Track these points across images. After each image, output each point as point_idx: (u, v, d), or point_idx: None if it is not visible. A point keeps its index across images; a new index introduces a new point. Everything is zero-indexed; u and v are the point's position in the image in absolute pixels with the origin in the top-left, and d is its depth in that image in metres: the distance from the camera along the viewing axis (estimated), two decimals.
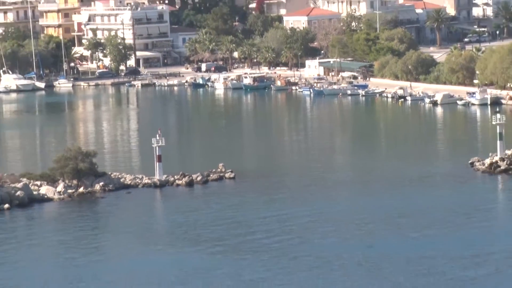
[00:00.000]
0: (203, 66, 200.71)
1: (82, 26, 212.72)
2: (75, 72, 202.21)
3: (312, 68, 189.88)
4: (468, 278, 79.95)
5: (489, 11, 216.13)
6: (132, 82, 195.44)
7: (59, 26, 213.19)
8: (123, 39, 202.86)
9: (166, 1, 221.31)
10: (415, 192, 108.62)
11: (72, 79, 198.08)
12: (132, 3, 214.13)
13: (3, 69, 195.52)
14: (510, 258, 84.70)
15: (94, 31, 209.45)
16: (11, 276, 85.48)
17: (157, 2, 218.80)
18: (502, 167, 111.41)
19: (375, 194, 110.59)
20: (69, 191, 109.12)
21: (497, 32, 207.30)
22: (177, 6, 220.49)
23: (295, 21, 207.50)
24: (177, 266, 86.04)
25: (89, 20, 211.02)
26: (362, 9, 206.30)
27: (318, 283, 79.09)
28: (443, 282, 78.34)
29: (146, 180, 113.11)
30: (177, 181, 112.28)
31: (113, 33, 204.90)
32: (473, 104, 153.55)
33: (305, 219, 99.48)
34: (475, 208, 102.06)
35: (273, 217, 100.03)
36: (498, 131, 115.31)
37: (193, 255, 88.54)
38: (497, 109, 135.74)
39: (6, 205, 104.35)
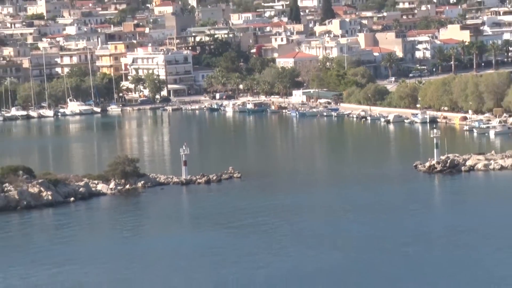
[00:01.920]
0: (217, 95, 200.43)
1: (128, 66, 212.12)
2: (123, 100, 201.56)
3: (298, 96, 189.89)
4: (406, 252, 79.91)
5: (428, 54, 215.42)
6: (165, 107, 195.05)
7: (110, 66, 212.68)
8: (158, 75, 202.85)
9: (190, 48, 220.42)
10: (373, 186, 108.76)
11: (120, 105, 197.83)
12: (165, 49, 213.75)
13: (70, 98, 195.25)
14: (440, 237, 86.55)
15: (136, 70, 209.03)
16: (78, 250, 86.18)
17: (183, 48, 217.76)
18: (438, 169, 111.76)
19: (341, 188, 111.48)
20: (119, 187, 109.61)
21: (434, 69, 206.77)
22: (197, 51, 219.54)
23: (285, 62, 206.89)
24: (198, 242, 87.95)
25: (133, 61, 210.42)
26: (334, 53, 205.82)
27: (300, 250, 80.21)
28: (386, 256, 78.75)
29: (175, 179, 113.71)
30: (198, 180, 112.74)
31: (150, 71, 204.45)
32: (416, 122, 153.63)
33: (290, 207, 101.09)
34: (416, 199, 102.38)
35: (268, 206, 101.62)
36: (434, 142, 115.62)
37: (210, 234, 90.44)
38: (434, 126, 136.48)
39: (72, 198, 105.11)
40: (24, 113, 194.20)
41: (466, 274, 72.15)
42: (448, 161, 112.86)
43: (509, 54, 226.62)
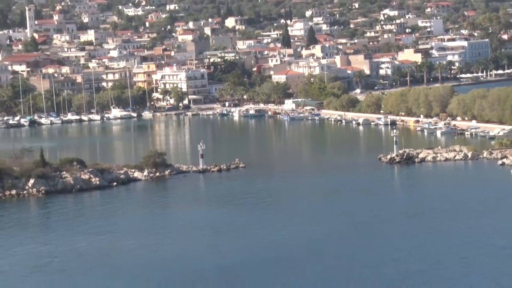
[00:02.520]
0: (226, 103, 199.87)
1: (158, 81, 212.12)
2: (154, 107, 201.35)
3: (288, 104, 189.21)
4: (370, 223, 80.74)
5: (389, 72, 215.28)
6: (186, 113, 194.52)
7: (144, 81, 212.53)
8: (181, 88, 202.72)
9: (205, 67, 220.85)
10: (346, 173, 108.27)
11: (152, 111, 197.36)
12: (186, 68, 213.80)
13: (113, 105, 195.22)
14: (398, 212, 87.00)
15: (164, 84, 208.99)
16: (118, 223, 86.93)
17: (200, 67, 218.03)
18: (397, 160, 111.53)
19: (321, 175, 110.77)
20: (150, 175, 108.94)
21: (393, 83, 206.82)
22: (211, 70, 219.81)
23: (279, 78, 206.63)
24: (211, 217, 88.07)
25: (161, 78, 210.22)
26: (316, 71, 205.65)
27: (288, 223, 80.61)
28: (353, 229, 79.14)
29: (194, 168, 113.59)
30: (212, 169, 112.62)
31: (175, 85, 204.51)
32: (380, 124, 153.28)
33: (282, 189, 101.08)
34: (379, 184, 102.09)
35: (265, 188, 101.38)
36: (394, 139, 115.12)
37: (220, 210, 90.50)
38: (394, 127, 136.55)
39: (115, 183, 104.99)
40: (78, 117, 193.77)
41: (417, 238, 73.39)
42: (405, 154, 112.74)
43: (452, 71, 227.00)
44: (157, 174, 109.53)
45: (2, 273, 67.08)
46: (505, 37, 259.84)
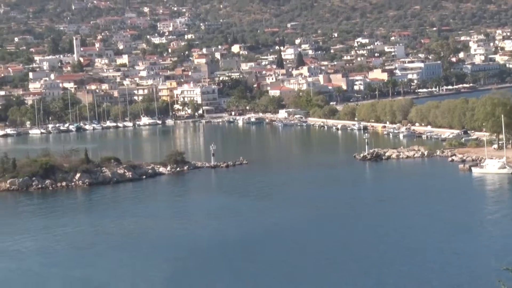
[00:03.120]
0: (233, 113, 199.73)
1: (178, 95, 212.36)
2: (175, 116, 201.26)
3: (282, 113, 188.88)
4: (346, 208, 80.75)
5: (362, 87, 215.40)
6: (200, 121, 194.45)
7: (167, 95, 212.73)
8: (196, 101, 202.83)
9: (216, 84, 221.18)
10: (327, 168, 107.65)
11: (173, 119, 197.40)
12: (201, 85, 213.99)
13: (142, 115, 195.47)
14: (367, 198, 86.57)
15: (183, 97, 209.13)
16: (146, 208, 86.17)
17: (212, 84, 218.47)
18: (368, 157, 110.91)
19: (307, 170, 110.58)
20: (172, 170, 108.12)
21: (365, 96, 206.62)
22: (221, 86, 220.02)
23: (274, 92, 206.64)
24: (220, 202, 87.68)
25: (181, 92, 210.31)
26: (304, 87, 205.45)
27: (281, 208, 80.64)
28: (332, 212, 79.80)
29: (207, 165, 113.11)
30: (221, 165, 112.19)
31: (192, 98, 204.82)
32: (354, 129, 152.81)
33: (276, 181, 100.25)
34: (353, 177, 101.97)
35: (264, 181, 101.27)
36: (366, 141, 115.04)
37: (227, 197, 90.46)
38: (366, 131, 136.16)
39: (144, 176, 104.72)
40: (115, 124, 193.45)
41: (381, 216, 74.73)
42: (374, 153, 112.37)
43: (411, 87, 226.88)
44: (178, 169, 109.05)
45: (53, 248, 67.54)
46: (453, 59, 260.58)
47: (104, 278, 56.99)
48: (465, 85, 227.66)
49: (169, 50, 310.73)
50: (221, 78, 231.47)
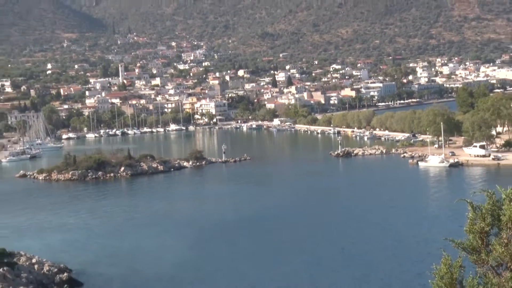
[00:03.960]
0: (238, 121, 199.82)
1: (197, 108, 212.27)
2: (195, 123, 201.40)
3: (276, 121, 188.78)
4: (324, 193, 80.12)
5: (336, 101, 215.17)
6: (214, 127, 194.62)
7: (189, 108, 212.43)
8: (211, 112, 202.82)
9: (226, 99, 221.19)
10: (309, 163, 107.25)
11: (194, 126, 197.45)
12: (215, 100, 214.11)
13: (171, 122, 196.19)
14: (339, 185, 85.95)
15: (201, 110, 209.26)
16: (172, 193, 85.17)
17: (223, 99, 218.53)
18: (341, 154, 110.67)
19: (294, 164, 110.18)
20: (193, 164, 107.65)
21: (338, 109, 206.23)
22: (230, 101, 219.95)
23: (270, 105, 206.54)
24: (229, 189, 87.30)
25: (200, 106, 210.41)
26: (292, 101, 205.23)
27: (275, 193, 80.00)
28: (313, 194, 79.38)
29: (219, 160, 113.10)
30: (230, 160, 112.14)
31: (208, 110, 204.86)
32: (330, 133, 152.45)
33: (272, 173, 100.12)
34: (329, 169, 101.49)
35: (262, 172, 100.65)
36: (339, 142, 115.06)
37: (235, 186, 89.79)
38: (339, 135, 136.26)
39: (172, 169, 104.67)
40: (150, 130, 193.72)
41: (350, 196, 73.78)
42: (345, 151, 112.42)
43: (373, 101, 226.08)
44: (197, 164, 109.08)
45: (105, 223, 67.35)
46: (404, 81, 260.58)
47: (141, 246, 56.83)
48: (413, 100, 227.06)
49: (191, 74, 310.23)
50: (230, 95, 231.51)
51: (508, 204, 5.10)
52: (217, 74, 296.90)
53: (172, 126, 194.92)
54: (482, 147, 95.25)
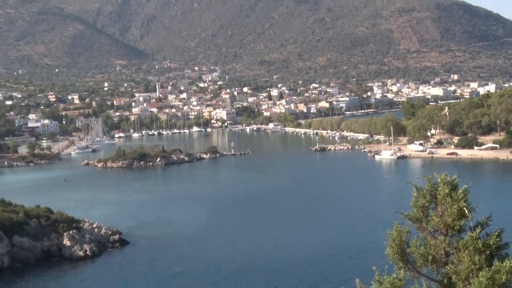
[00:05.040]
0: (243, 125, 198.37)
1: (213, 115, 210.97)
2: (212, 126, 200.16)
3: (271, 125, 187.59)
4: (305, 180, 78.62)
5: (315, 111, 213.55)
6: (225, 129, 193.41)
7: (207, 115, 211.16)
8: (224, 118, 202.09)
9: (235, 108, 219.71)
10: (295, 156, 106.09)
11: (211, 128, 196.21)
12: (226, 109, 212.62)
13: (194, 126, 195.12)
14: (317, 174, 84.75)
15: (216, 116, 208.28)
16: (197, 177, 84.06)
17: (232, 109, 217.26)
18: (318, 149, 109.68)
19: (284, 157, 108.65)
20: (210, 156, 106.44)
21: (316, 116, 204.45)
22: (237, 110, 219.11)
23: (267, 113, 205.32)
24: (237, 175, 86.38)
25: (215, 113, 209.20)
26: (283, 110, 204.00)
27: (271, 178, 78.45)
28: (298, 179, 77.81)
29: (229, 153, 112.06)
30: (237, 154, 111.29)
31: (221, 116, 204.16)
32: (310, 134, 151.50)
33: (268, 163, 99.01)
34: (310, 160, 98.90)
35: (260, 163, 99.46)
36: (317, 140, 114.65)
37: (242, 173, 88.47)
38: (317, 135, 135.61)
39: (195, 160, 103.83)
40: (179, 131, 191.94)
41: (327, 182, 72.46)
42: (321, 147, 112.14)
43: (342, 111, 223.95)
44: (213, 156, 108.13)
45: (146, 199, 67.18)
46: (364, 96, 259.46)
47: (168, 215, 56.87)
48: (370, 110, 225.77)
49: (208, 90, 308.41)
50: (237, 106, 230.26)
51: (442, 186, 5.10)
52: (228, 90, 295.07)
53: (195, 128, 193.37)
54: (420, 144, 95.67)
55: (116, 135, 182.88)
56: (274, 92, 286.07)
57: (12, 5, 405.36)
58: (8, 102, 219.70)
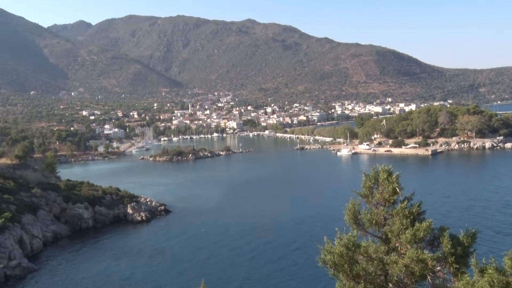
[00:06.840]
0: (248, 131, 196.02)
1: (227, 125, 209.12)
2: (226, 132, 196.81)
3: (267, 132, 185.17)
4: (292, 171, 77.29)
5: (296, 122, 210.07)
6: (236, 135, 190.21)
7: (223, 125, 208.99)
8: (234, 127, 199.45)
9: (242, 121, 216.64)
10: (284, 155, 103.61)
11: (226, 134, 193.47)
12: (236, 121, 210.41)
13: (213, 132, 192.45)
14: (299, 163, 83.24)
15: (230, 125, 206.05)
16: (215, 167, 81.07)
17: (240, 120, 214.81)
18: (299, 149, 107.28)
19: (276, 155, 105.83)
20: (225, 153, 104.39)
21: (297, 126, 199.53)
22: (243, 121, 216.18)
23: (264, 124, 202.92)
24: (244, 166, 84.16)
25: (229, 124, 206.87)
26: (274, 122, 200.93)
27: (269, 168, 76.84)
28: (287, 168, 76.18)
29: (238, 151, 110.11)
30: (244, 151, 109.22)
31: (232, 125, 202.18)
32: (293, 138, 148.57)
33: (265, 157, 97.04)
34: (293, 156, 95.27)
35: (260, 157, 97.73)
36: (298, 142, 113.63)
37: (248, 164, 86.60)
38: (298, 138, 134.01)
39: (215, 155, 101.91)
40: (204, 136, 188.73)
41: (304, 172, 70.19)
42: (301, 147, 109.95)
43: (315, 122, 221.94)
44: (227, 153, 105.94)
45: (182, 182, 66.54)
46: (330, 112, 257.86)
47: (197, 193, 56.43)
48: (334, 121, 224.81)
49: (224, 108, 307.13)
50: (244, 119, 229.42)
51: (382, 173, 5.22)
52: (237, 108, 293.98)
53: (215, 134, 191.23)
54: (367, 145, 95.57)
55: (162, 139, 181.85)
56: (269, 109, 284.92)
57: (95, 53, 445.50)
58: (92, 117, 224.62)
